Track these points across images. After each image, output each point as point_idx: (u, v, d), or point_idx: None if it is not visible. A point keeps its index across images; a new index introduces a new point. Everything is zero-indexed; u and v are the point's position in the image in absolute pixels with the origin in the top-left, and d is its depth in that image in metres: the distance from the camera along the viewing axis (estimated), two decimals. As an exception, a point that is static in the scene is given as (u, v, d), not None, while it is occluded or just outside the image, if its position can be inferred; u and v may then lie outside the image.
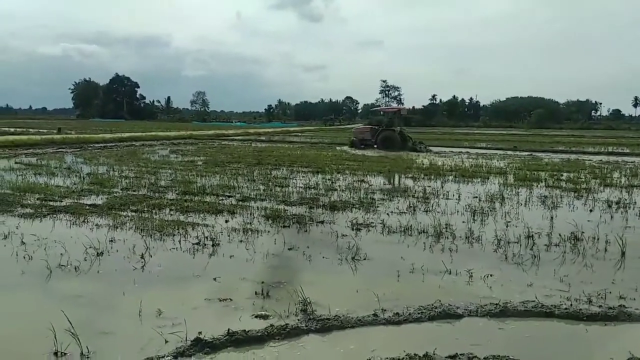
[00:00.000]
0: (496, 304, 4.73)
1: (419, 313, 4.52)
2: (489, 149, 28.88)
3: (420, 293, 5.08)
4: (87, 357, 3.66)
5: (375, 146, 25.82)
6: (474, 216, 8.84)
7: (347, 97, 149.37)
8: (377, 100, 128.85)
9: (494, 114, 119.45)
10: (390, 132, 26.07)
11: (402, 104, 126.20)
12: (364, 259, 6.25)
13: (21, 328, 4.25)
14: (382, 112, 29.84)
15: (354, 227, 7.88)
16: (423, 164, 17.98)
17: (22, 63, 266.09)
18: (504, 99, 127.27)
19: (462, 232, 7.58)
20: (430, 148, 26.41)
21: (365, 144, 26.26)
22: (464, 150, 27.11)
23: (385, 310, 4.58)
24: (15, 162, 16.41)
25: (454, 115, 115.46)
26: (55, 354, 3.70)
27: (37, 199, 9.63)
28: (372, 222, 8.22)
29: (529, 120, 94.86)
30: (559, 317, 4.57)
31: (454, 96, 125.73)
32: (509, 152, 25.88)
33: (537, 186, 12.83)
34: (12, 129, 39.04)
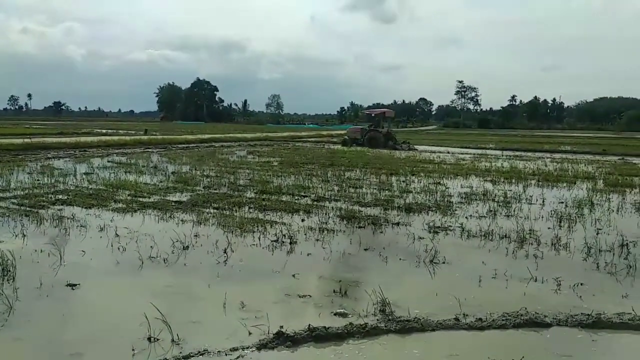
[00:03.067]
0: (588, 315, 4.45)
1: (503, 320, 4.36)
2: (575, 152, 27.23)
3: (504, 299, 4.89)
4: (178, 344, 3.87)
5: (362, 144, 28.77)
6: (560, 222, 8.38)
7: (421, 99, 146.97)
8: (452, 102, 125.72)
9: (580, 115, 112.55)
10: (375, 133, 29.24)
11: (479, 105, 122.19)
12: (443, 263, 6.11)
13: (118, 314, 4.56)
14: (373, 115, 33.02)
15: (431, 230, 7.73)
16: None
17: (113, 69, 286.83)
18: (591, 100, 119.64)
19: (547, 238, 7.21)
20: (416, 147, 29.02)
21: (357, 143, 29.28)
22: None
23: (467, 315, 4.46)
24: (108, 161, 17.66)
25: (535, 117, 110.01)
26: (149, 339, 3.94)
27: (128, 195, 10.31)
28: (450, 226, 8.02)
29: (619, 122, 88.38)
30: (661, 333, 4.22)
31: (536, 97, 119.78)
32: (584, 157, 24.24)
33: (630, 192, 11.93)
34: (104, 131, 42.06)
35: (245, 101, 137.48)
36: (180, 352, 3.73)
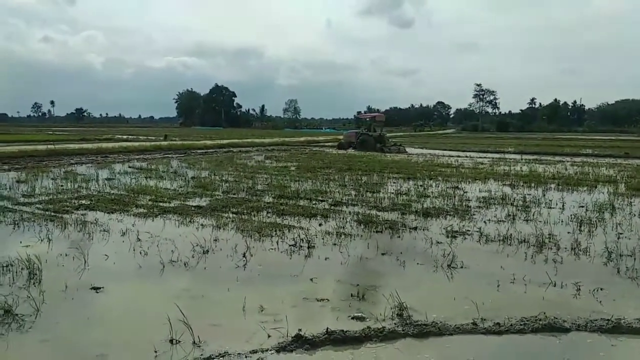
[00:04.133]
0: (608, 320, 4.42)
1: (521, 324, 4.35)
2: (596, 155, 26.81)
3: (522, 304, 4.88)
4: (199, 346, 3.96)
5: (355, 147, 30.24)
6: (580, 226, 8.28)
7: (439, 102, 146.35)
8: (470, 105, 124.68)
9: (601, 118, 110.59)
10: (366, 136, 30.64)
11: (498, 108, 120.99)
12: (461, 267, 6.11)
13: (141, 317, 4.68)
14: (367, 119, 34.56)
15: (449, 235, 7.72)
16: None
17: (132, 76, 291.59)
18: (613, 102, 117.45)
19: (567, 242, 7.15)
20: (406, 149, 30.55)
21: (352, 146, 30.88)
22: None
23: (484, 319, 4.46)
24: (129, 166, 17.98)
25: (554, 120, 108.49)
26: (171, 341, 4.03)
27: (149, 200, 10.50)
28: (468, 230, 8.00)
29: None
30: (683, 338, 4.17)
31: (556, 99, 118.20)
32: (605, 160, 23.81)
33: (654, 196, 11.72)
34: (124, 136, 42.78)
35: (263, 106, 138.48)
36: (202, 354, 3.82)
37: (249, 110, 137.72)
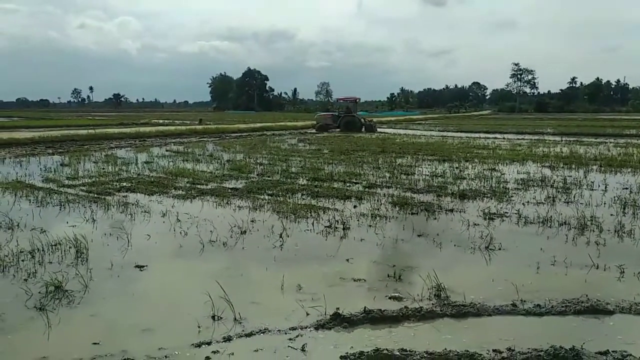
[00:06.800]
0: (654, 303, 4.30)
1: (562, 306, 4.28)
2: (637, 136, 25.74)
3: (563, 286, 4.79)
4: (240, 322, 4.06)
5: (338, 129, 30.27)
6: (624, 209, 8.03)
7: (474, 83, 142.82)
8: (507, 85, 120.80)
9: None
10: (351, 117, 31.05)
11: (536, 88, 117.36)
12: (499, 249, 6.03)
13: (183, 294, 4.83)
14: (349, 102, 33.77)
15: (486, 217, 7.61)
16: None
17: (166, 61, 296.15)
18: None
19: (610, 225, 6.95)
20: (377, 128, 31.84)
21: (327, 128, 30.85)
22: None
23: (524, 301, 4.41)
24: (166, 150, 18.37)
25: (596, 100, 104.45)
26: (213, 317, 4.16)
27: (187, 182, 10.73)
28: (506, 212, 7.87)
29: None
30: None
31: (598, 78, 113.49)
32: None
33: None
34: (160, 121, 43.63)
35: (295, 89, 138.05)
36: (243, 330, 3.92)
37: (281, 93, 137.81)
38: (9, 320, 4.11)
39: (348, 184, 10.54)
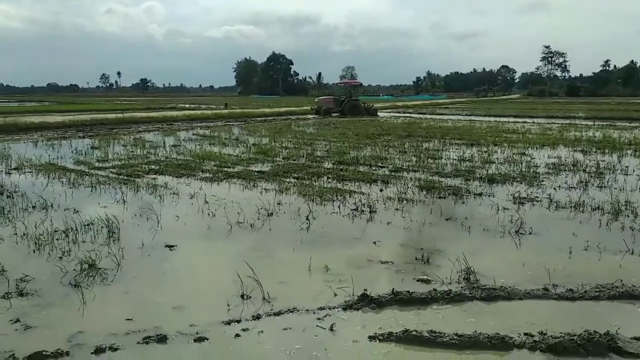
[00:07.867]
0: (693, 290, 4.16)
1: (596, 291, 4.19)
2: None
3: (596, 271, 4.69)
4: (268, 302, 4.10)
5: (342, 113, 29.90)
6: (661, 194, 7.77)
7: (503, 66, 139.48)
8: (537, 69, 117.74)
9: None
10: (355, 102, 31.36)
11: (568, 71, 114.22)
12: (529, 233, 5.92)
13: (213, 273, 4.90)
14: (352, 86, 34.38)
15: (516, 201, 7.48)
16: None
17: (192, 46, 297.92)
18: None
19: (646, 210, 6.74)
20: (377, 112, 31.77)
21: (329, 112, 30.53)
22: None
23: (556, 285, 4.33)
24: (193, 134, 18.56)
25: (630, 83, 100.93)
26: (242, 296, 4.20)
27: (214, 165, 10.83)
28: (536, 197, 7.71)
29: None
30: None
31: (632, 61, 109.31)
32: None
33: None
34: (187, 105, 44.01)
35: (320, 74, 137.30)
36: (271, 309, 3.96)
37: (305, 78, 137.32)
38: (45, 297, 4.23)
39: (374, 168, 10.48)
